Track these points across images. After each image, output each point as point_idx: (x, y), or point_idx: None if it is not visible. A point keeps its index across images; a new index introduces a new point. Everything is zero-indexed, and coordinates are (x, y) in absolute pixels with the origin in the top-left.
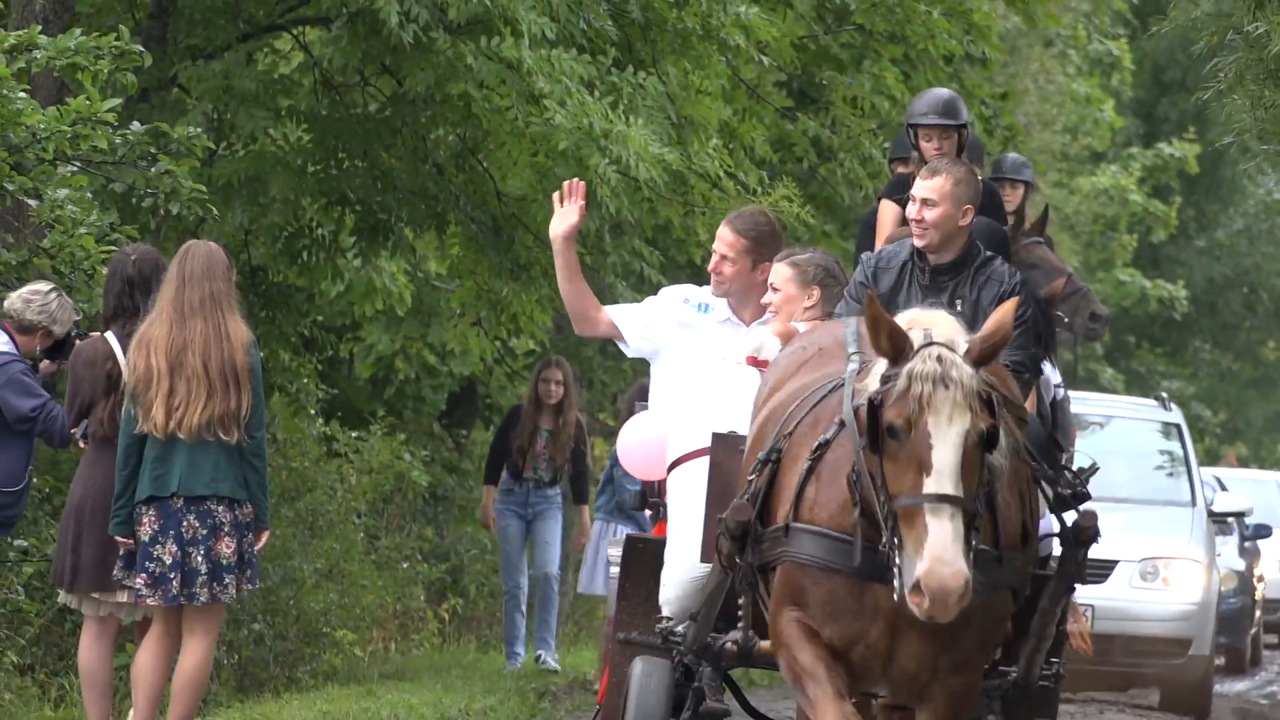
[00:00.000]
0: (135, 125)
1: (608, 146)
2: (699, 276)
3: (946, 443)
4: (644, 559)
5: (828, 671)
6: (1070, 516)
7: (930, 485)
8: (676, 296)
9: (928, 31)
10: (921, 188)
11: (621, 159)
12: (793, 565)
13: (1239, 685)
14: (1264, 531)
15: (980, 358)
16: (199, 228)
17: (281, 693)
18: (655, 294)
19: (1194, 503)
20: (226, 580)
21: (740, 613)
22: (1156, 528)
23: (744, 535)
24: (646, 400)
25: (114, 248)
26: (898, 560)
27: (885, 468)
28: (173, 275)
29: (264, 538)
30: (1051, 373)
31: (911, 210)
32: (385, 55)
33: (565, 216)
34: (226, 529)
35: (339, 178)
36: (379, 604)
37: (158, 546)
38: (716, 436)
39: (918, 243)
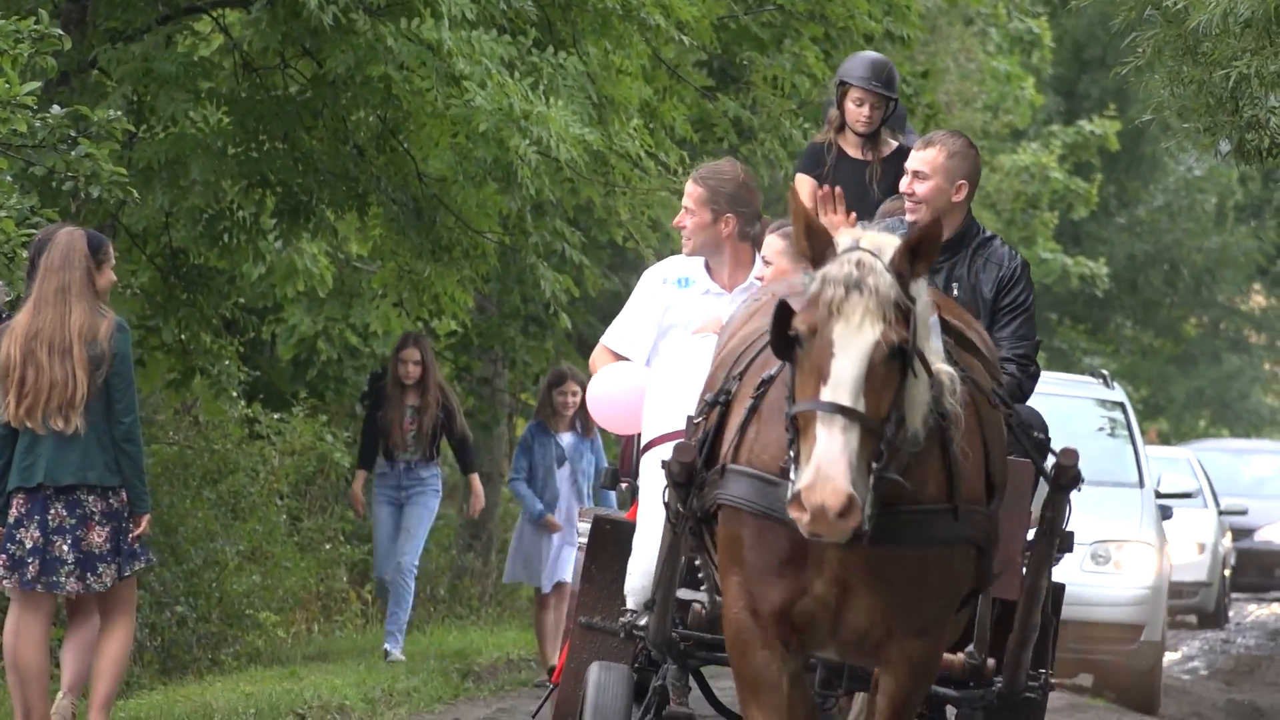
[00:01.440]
0: (55, 109)
1: (528, 127)
2: (621, 256)
3: (850, 351)
4: (611, 541)
5: (774, 683)
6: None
7: (826, 393)
8: (655, 280)
9: (848, 10)
10: (914, 159)
11: (542, 140)
12: (729, 513)
13: None
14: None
15: (903, 267)
16: (119, 210)
17: (205, 675)
18: (578, 274)
19: (1141, 484)
20: (100, 569)
21: (703, 578)
22: (1106, 509)
23: (689, 480)
24: (562, 386)
25: (34, 231)
26: (794, 474)
27: (795, 378)
28: (39, 265)
29: (144, 522)
30: None
31: (903, 184)
32: (305, 37)
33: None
34: (98, 517)
35: (260, 160)
36: (302, 586)
37: (20, 530)
38: (691, 421)
39: (909, 218)
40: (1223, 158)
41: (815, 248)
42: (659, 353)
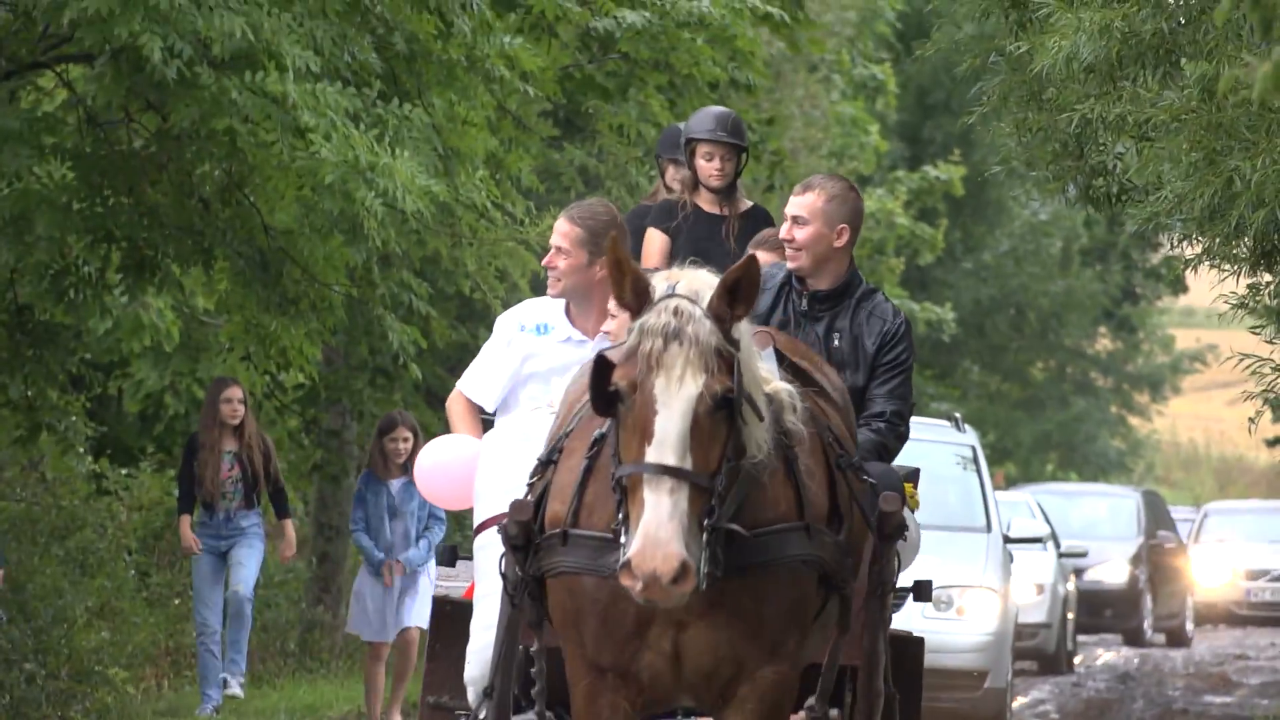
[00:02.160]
0: None
1: (374, 179)
2: (468, 307)
3: (672, 407)
4: (453, 621)
5: None
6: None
7: (651, 454)
8: (512, 326)
9: (692, 59)
10: (792, 204)
11: (388, 191)
12: (556, 583)
13: None
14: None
15: (722, 310)
16: None
17: None
18: (426, 325)
19: (989, 528)
20: None
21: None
22: (951, 554)
23: (526, 542)
24: (393, 432)
25: None
26: (624, 539)
27: (619, 437)
28: None
29: None
30: None
31: (783, 230)
32: (149, 91)
33: None
34: None
35: (105, 215)
36: (151, 641)
37: None
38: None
39: (790, 265)
40: (1070, 203)
41: (633, 296)
42: (517, 403)
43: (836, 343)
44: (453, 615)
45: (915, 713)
